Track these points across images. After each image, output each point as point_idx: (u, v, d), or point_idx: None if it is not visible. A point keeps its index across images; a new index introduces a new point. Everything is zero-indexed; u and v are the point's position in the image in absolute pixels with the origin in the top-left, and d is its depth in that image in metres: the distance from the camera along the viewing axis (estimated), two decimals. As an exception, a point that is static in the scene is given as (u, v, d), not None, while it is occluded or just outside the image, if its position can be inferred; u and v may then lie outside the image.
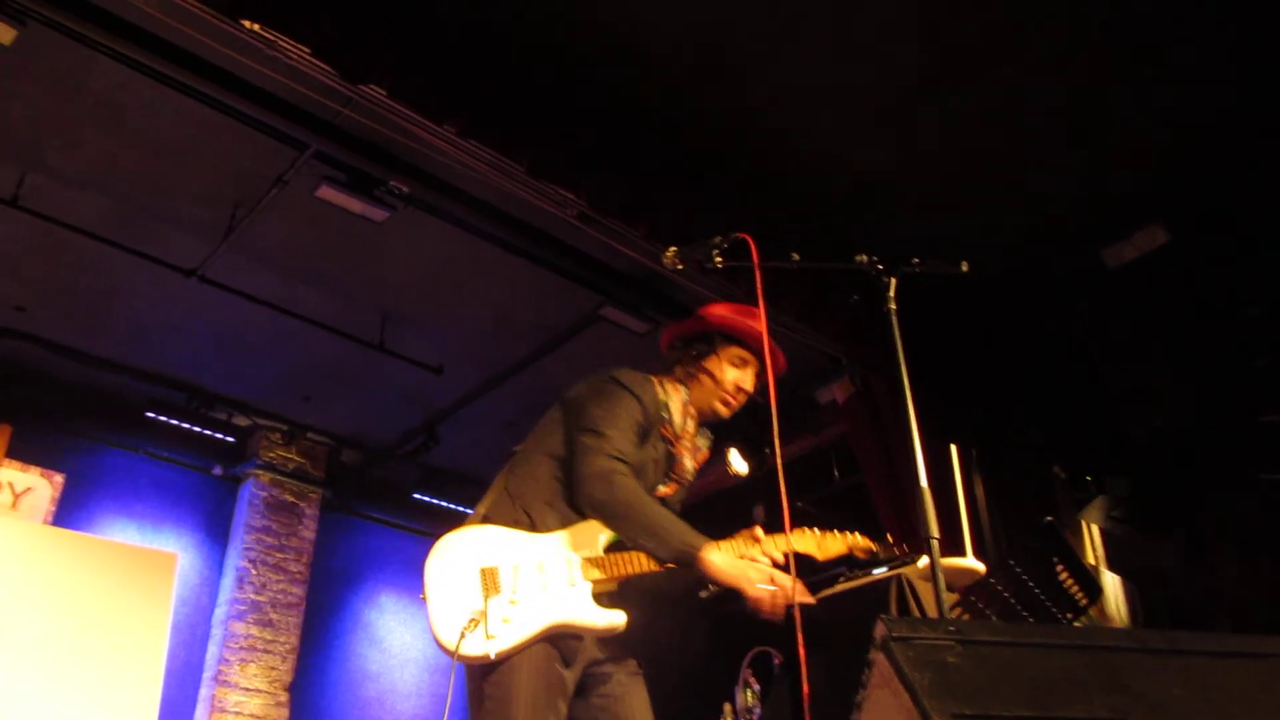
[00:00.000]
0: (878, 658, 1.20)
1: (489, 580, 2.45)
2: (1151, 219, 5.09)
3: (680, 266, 3.00)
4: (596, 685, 2.56)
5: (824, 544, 2.71)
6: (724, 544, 2.53)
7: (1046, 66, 4.34)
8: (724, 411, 2.83)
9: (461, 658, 2.37)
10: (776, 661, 4.20)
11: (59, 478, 6.39)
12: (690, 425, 2.80)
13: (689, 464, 2.78)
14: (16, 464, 6.18)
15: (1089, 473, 5.51)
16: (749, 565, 2.47)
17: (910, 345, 2.66)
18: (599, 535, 2.53)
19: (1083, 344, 5.42)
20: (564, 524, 2.57)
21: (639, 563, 2.52)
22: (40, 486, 6.30)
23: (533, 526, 2.56)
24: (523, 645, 2.39)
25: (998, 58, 4.33)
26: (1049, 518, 3.07)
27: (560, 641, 2.44)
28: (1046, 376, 5.69)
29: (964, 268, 2.63)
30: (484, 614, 2.38)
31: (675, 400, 2.78)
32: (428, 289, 6.00)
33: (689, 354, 2.87)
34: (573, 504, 2.58)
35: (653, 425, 2.72)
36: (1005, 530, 5.40)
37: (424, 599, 2.46)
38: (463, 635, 2.34)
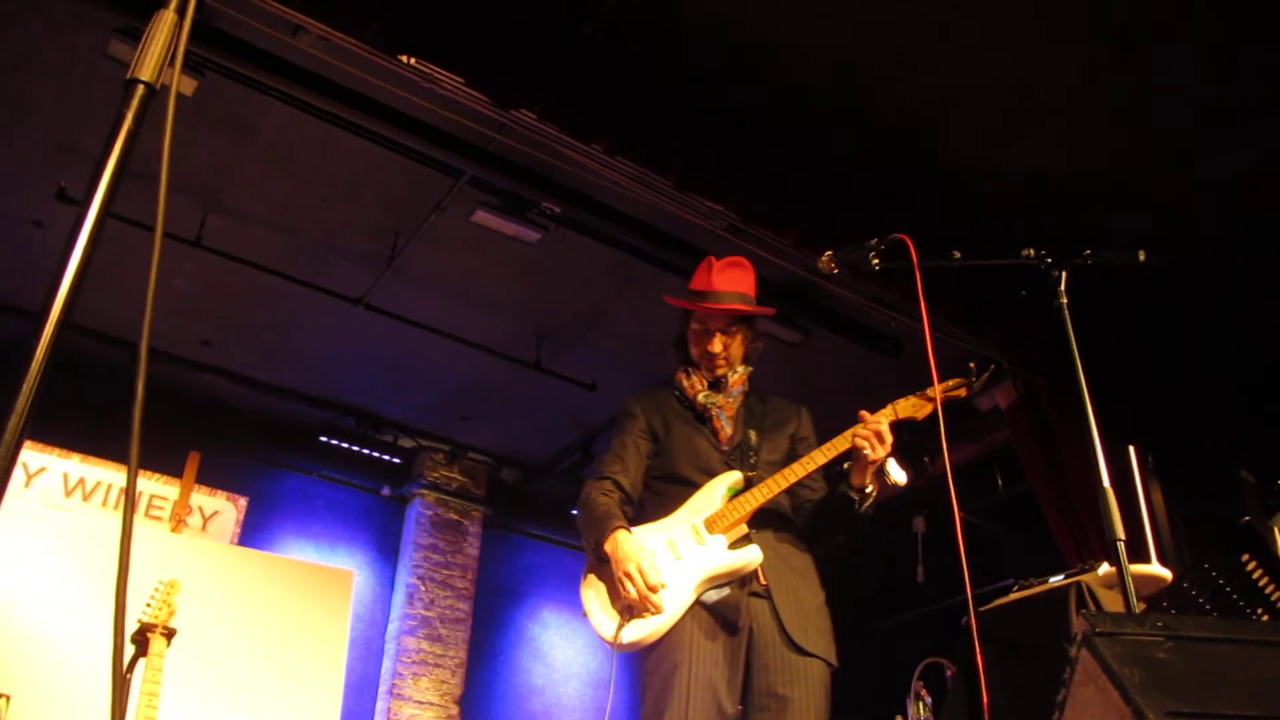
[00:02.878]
0: (1081, 654, 1.15)
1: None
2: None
3: (836, 270, 3.02)
4: (765, 679, 2.59)
5: (918, 403, 2.77)
6: (832, 441, 2.68)
7: (1216, 50, 4.12)
8: (720, 372, 2.94)
9: (624, 647, 2.53)
10: (949, 673, 4.09)
11: (243, 501, 6.77)
12: (713, 396, 2.91)
13: (726, 427, 2.88)
14: (205, 489, 6.57)
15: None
16: (634, 558, 2.55)
17: (1081, 344, 2.57)
18: (714, 495, 2.69)
19: (1270, 339, 5.09)
20: (679, 504, 2.75)
21: (753, 499, 2.67)
22: (226, 510, 6.69)
23: (655, 518, 2.76)
24: (676, 618, 2.54)
25: (1164, 38, 4.13)
26: (1246, 518, 2.90)
27: (719, 606, 2.59)
28: (1231, 376, 5.37)
29: (1141, 256, 2.53)
30: (631, 604, 2.54)
31: (691, 384, 2.95)
32: (581, 307, 6.11)
33: (677, 342, 3.06)
34: (677, 496, 2.78)
35: (668, 417, 2.93)
36: (1190, 536, 5.11)
37: (585, 615, 2.65)
38: (620, 627, 2.45)
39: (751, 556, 2.62)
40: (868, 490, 2.71)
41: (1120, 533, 2.28)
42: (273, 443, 7.21)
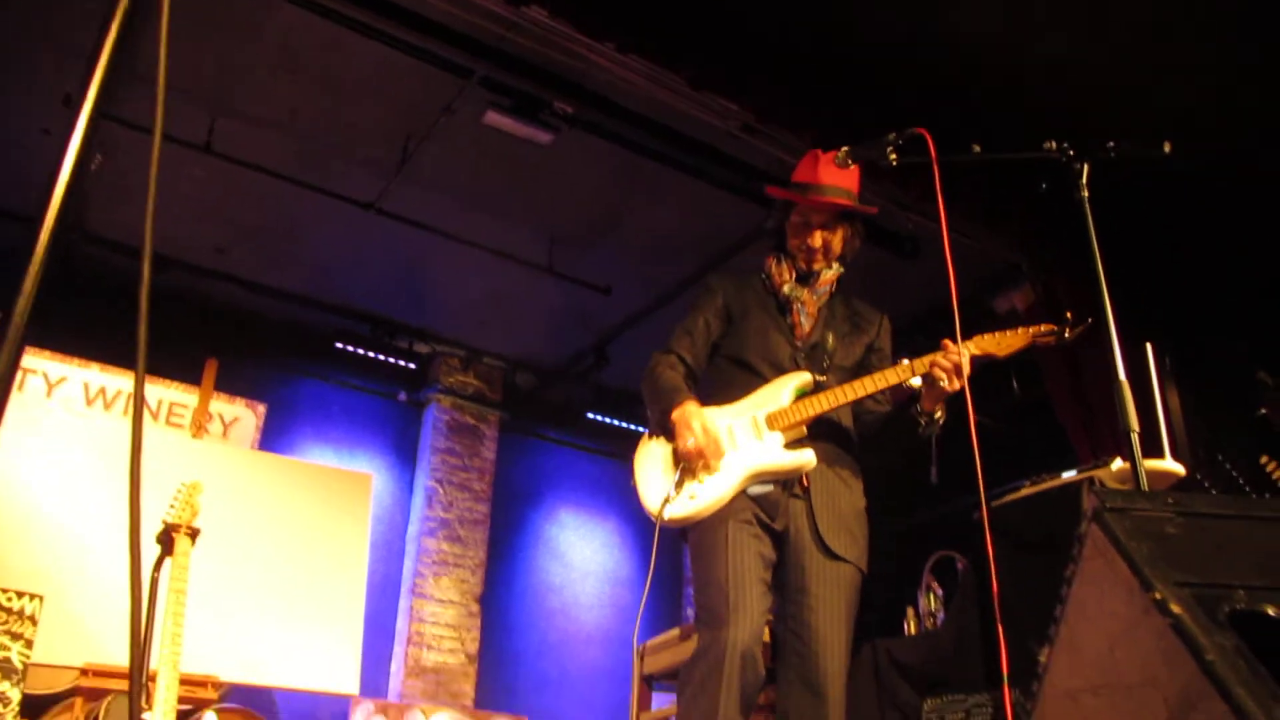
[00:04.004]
0: (1091, 529, 1.16)
1: (683, 457, 2.66)
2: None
3: (851, 166, 2.96)
4: (798, 577, 2.65)
5: (1003, 341, 2.73)
6: (914, 362, 2.68)
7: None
8: (816, 267, 2.90)
9: (666, 521, 2.60)
10: (960, 566, 4.15)
11: (261, 407, 6.82)
12: (799, 290, 2.89)
13: (805, 324, 2.87)
14: (224, 396, 6.63)
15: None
16: (703, 425, 2.62)
17: (1101, 241, 2.54)
18: (783, 391, 2.66)
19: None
20: (746, 393, 2.76)
21: (818, 404, 2.69)
22: (245, 416, 6.76)
23: (719, 403, 2.77)
24: (722, 501, 2.60)
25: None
26: (1262, 410, 2.89)
27: (762, 500, 2.65)
28: (1252, 275, 5.31)
29: (1166, 148, 2.48)
30: (682, 482, 2.62)
31: (779, 271, 2.92)
32: (593, 210, 6.06)
33: (774, 229, 2.99)
34: (742, 383, 2.79)
35: (747, 302, 2.91)
36: (1205, 435, 5.11)
37: (634, 485, 2.73)
38: (666, 501, 2.52)
39: (806, 459, 2.65)
40: (936, 416, 2.72)
41: (1135, 424, 2.28)
42: (289, 350, 7.26)
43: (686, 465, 2.65)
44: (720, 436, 2.65)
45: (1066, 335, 2.71)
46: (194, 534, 3.94)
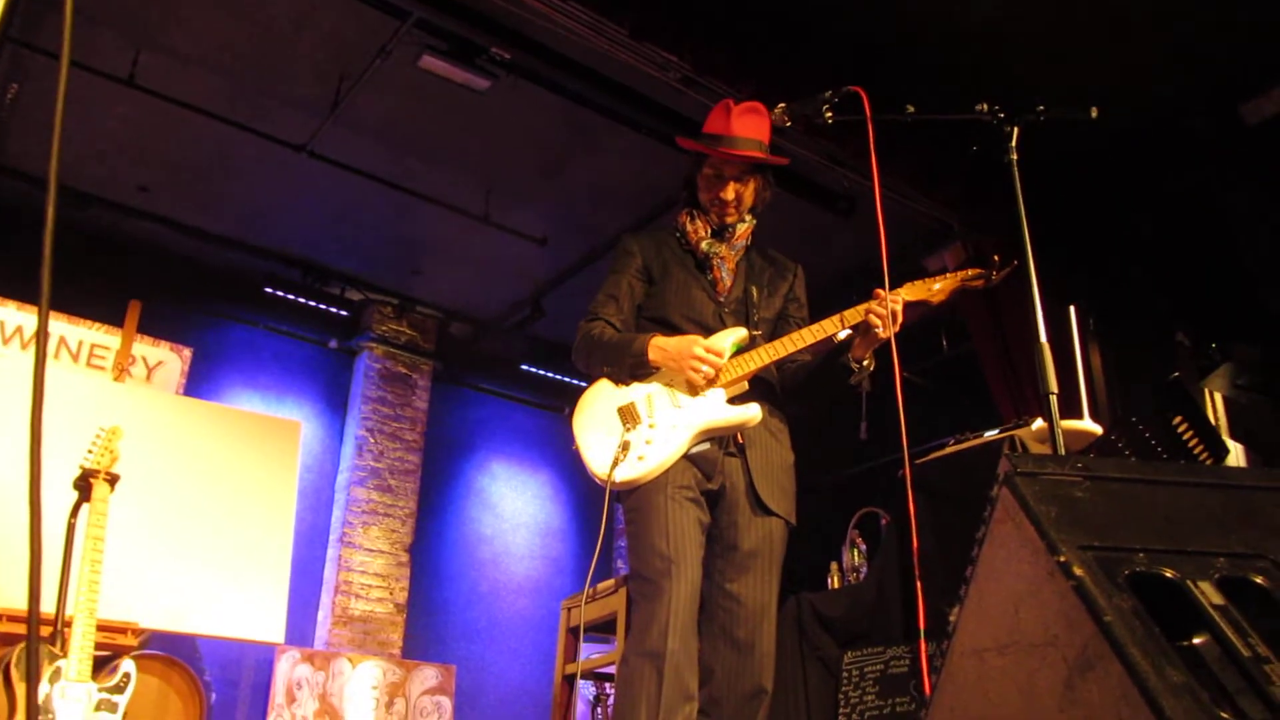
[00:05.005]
0: (1001, 493, 1.18)
1: (627, 414, 2.68)
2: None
3: (789, 123, 2.96)
4: (728, 536, 2.67)
5: (933, 286, 2.78)
6: (846, 313, 2.71)
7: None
8: (729, 220, 2.91)
9: (616, 485, 2.59)
10: (884, 522, 4.23)
11: (187, 352, 6.66)
12: (716, 246, 2.89)
13: (726, 279, 2.88)
14: (148, 339, 6.45)
15: (1215, 340, 5.29)
16: (691, 342, 2.65)
17: (1029, 203, 2.57)
18: (720, 348, 2.64)
19: (1216, 206, 5.14)
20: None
21: (759, 358, 2.70)
22: (170, 360, 6.59)
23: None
24: (670, 460, 2.61)
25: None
26: (1175, 374, 2.97)
27: (700, 460, 2.66)
28: (1174, 240, 5.43)
29: (1093, 113, 2.51)
30: (628, 443, 2.60)
31: (694, 228, 2.91)
32: (530, 159, 5.98)
33: (685, 185, 2.98)
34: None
35: (666, 260, 2.90)
36: (1123, 395, 5.25)
37: (575, 449, 2.71)
38: (614, 464, 2.51)
39: (752, 413, 2.67)
40: (866, 364, 2.74)
41: (1053, 387, 2.33)
42: (217, 293, 7.09)
43: (637, 429, 2.65)
44: (719, 344, 2.67)
45: (994, 277, 2.76)
46: (113, 480, 3.87)
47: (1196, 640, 1.03)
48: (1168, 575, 1.05)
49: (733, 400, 2.69)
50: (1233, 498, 1.19)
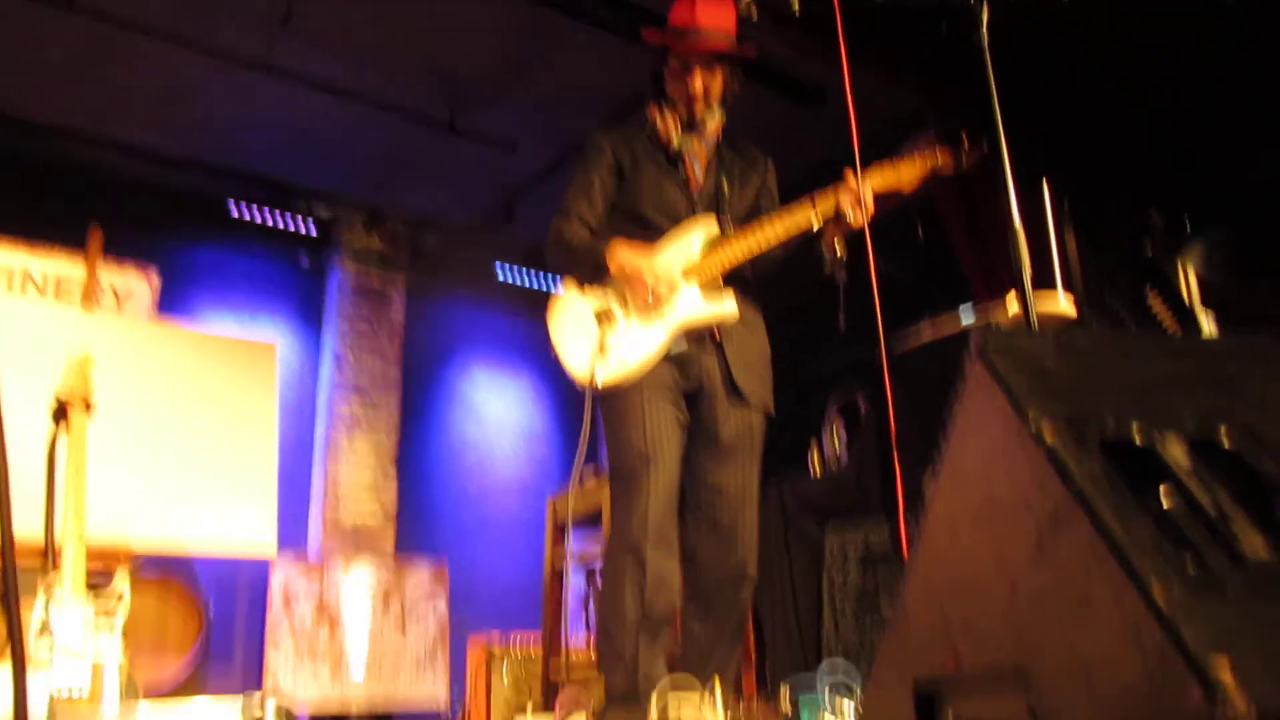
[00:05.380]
0: (974, 365, 1.20)
1: (604, 317, 2.69)
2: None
3: (755, 16, 2.90)
4: (709, 425, 2.71)
5: (902, 169, 2.75)
6: (816, 196, 2.67)
7: None
8: (698, 112, 2.87)
9: (597, 386, 2.62)
10: (863, 407, 4.28)
11: (155, 275, 6.56)
12: (688, 140, 2.86)
13: (698, 173, 2.86)
14: (113, 264, 6.34)
15: (1190, 218, 5.29)
16: (644, 268, 2.63)
17: (1001, 85, 2.55)
18: (691, 242, 2.66)
19: (1190, 82, 5.09)
20: (653, 250, 2.74)
21: (733, 253, 2.70)
22: (139, 287, 6.48)
23: None
24: (650, 360, 2.59)
25: None
26: (1148, 250, 2.99)
27: (678, 359, 2.68)
28: (1148, 117, 5.39)
29: (1062, -14, 2.47)
30: (607, 345, 2.61)
31: (664, 122, 2.88)
32: (494, 62, 5.85)
33: (652, 78, 2.94)
34: (642, 240, 2.75)
35: (637, 155, 2.86)
36: (1097, 275, 5.28)
37: (555, 352, 2.66)
38: (594, 366, 2.53)
39: (729, 309, 2.68)
40: (840, 253, 2.74)
41: (1027, 267, 2.35)
42: (183, 217, 6.96)
43: (614, 331, 2.64)
44: (662, 265, 2.64)
45: (963, 161, 2.74)
46: (90, 407, 3.85)
47: (1165, 501, 1.05)
48: (1137, 439, 1.07)
49: (708, 295, 2.69)
50: (1202, 364, 1.21)
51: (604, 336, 2.63)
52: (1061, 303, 3.37)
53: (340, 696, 6.09)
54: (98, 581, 3.88)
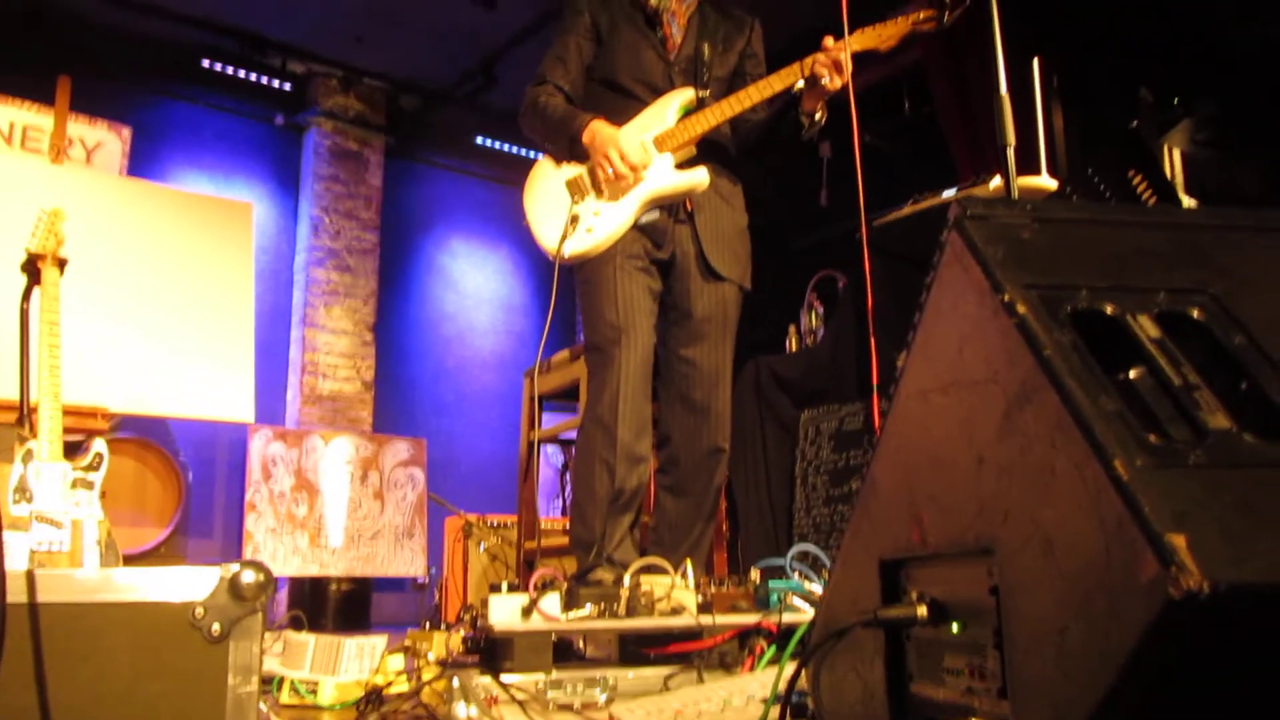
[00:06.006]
0: (951, 236, 1.18)
1: (575, 187, 2.64)
2: None
3: None
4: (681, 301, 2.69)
5: (883, 32, 2.68)
6: (793, 66, 2.59)
7: None
8: None
9: (565, 259, 2.59)
10: (841, 284, 4.27)
11: (126, 131, 6.39)
12: (666, 1, 2.77)
13: (676, 36, 2.78)
14: (84, 118, 6.17)
15: (1178, 95, 5.20)
16: (611, 142, 2.57)
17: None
18: (667, 110, 2.62)
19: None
20: (627, 117, 2.67)
21: (707, 119, 2.63)
22: (110, 141, 6.33)
23: None
24: (619, 232, 2.56)
25: None
26: (1134, 123, 2.94)
27: (649, 229, 2.65)
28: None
29: None
30: (577, 217, 2.57)
31: None
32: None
33: None
34: (619, 106, 2.68)
35: (615, 16, 2.77)
36: (1083, 152, 5.22)
37: (527, 224, 2.63)
38: (564, 237, 2.50)
39: (700, 178, 2.62)
40: (818, 118, 2.68)
41: (1011, 140, 2.31)
42: (153, 69, 6.75)
43: (585, 201, 2.61)
44: (632, 148, 2.59)
45: (945, 18, 2.66)
46: (62, 263, 3.79)
47: (1133, 373, 1.05)
48: (1108, 310, 1.06)
49: (681, 165, 2.64)
50: (1177, 236, 1.20)
51: (574, 208, 2.59)
52: (1045, 180, 3.33)
53: (320, 563, 6.21)
54: (76, 441, 3.89)
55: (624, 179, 2.57)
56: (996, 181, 3.41)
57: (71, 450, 3.66)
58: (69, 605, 1.21)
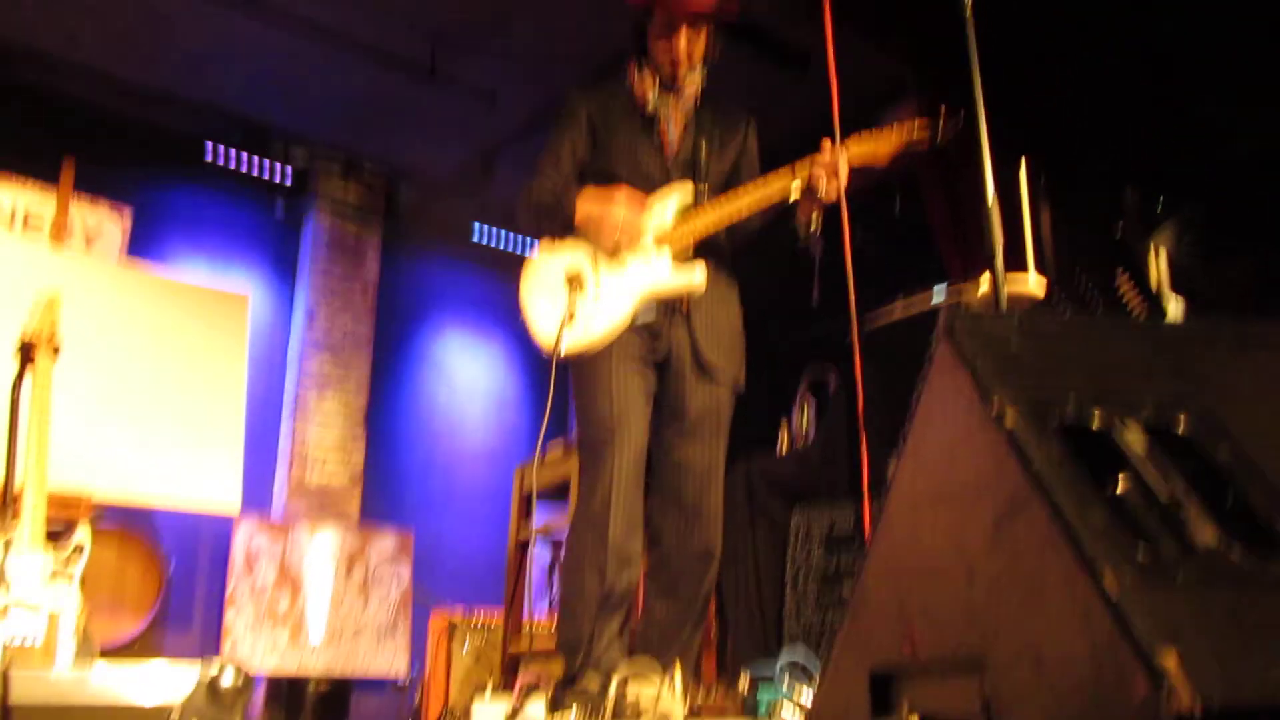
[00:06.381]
0: (941, 346, 1.19)
1: (573, 282, 2.65)
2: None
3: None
4: (674, 402, 2.69)
5: (879, 140, 2.71)
6: (796, 164, 2.63)
7: None
8: (681, 73, 2.81)
9: (562, 354, 2.59)
10: (833, 384, 4.28)
11: (128, 214, 6.44)
12: (664, 100, 2.82)
13: (674, 135, 2.82)
14: (85, 199, 6.22)
15: (1164, 196, 5.31)
16: (611, 206, 2.59)
17: (983, 59, 2.53)
18: (665, 207, 2.63)
19: (1169, 59, 5.08)
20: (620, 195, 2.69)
21: (705, 221, 2.66)
22: (110, 223, 6.36)
23: None
24: (617, 328, 2.57)
25: None
26: (1119, 229, 2.99)
27: (646, 327, 2.67)
28: (1126, 94, 5.39)
29: (1046, -38, 2.45)
30: (574, 312, 2.57)
31: (642, 82, 2.83)
32: (477, 11, 5.78)
33: (633, 36, 2.87)
34: None
35: (612, 116, 2.81)
36: (1070, 253, 5.30)
37: (523, 317, 2.64)
38: (560, 332, 2.51)
39: (698, 278, 2.64)
40: (814, 228, 2.71)
41: (999, 245, 2.34)
42: (156, 154, 6.84)
43: (584, 296, 2.62)
44: (640, 220, 2.62)
45: (939, 134, 2.71)
46: (56, 348, 3.80)
47: (1121, 485, 1.05)
48: (1096, 423, 1.07)
49: (677, 264, 2.67)
50: (1162, 348, 1.21)
51: (573, 303, 2.60)
52: (1033, 283, 3.38)
53: (299, 662, 6.08)
54: (57, 530, 3.84)
55: (636, 229, 2.58)
56: (986, 283, 3.46)
57: (53, 538, 3.61)
58: (44, 709, 1.18)
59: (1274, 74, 4.65)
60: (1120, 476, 1.05)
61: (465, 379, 8.07)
